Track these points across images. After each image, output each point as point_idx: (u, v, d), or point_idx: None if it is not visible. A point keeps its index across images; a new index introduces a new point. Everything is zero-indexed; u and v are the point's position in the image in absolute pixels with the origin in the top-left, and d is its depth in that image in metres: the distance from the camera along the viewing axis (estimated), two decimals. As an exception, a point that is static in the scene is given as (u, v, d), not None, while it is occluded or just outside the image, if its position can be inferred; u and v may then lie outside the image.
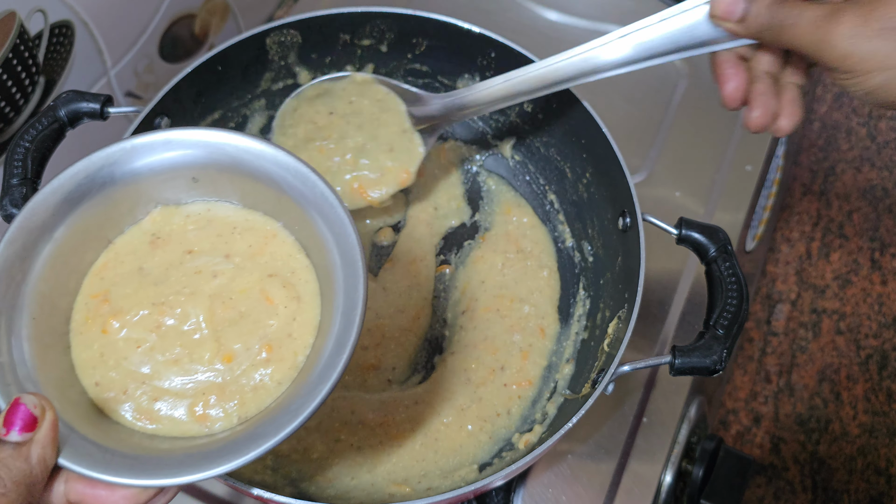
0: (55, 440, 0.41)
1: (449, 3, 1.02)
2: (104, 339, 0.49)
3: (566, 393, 0.71)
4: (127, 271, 0.51)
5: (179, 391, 0.48)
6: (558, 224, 0.81)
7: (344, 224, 0.47)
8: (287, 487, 0.67)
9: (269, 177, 0.49)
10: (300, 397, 0.44)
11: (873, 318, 1.30)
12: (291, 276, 0.51)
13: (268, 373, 0.48)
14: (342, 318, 0.46)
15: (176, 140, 0.50)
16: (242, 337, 0.49)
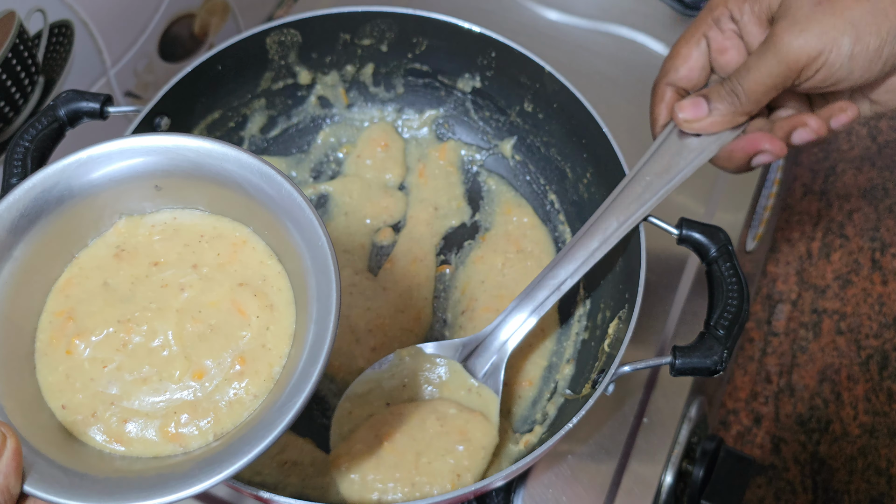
0: (18, 468, 0.40)
1: (449, 3, 1.02)
2: (69, 361, 0.47)
3: (566, 393, 0.71)
4: (92, 287, 0.50)
5: (150, 411, 0.46)
6: (559, 224, 0.81)
7: (314, 228, 0.45)
8: (288, 488, 0.67)
9: (234, 180, 0.47)
10: (276, 409, 0.43)
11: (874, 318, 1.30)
12: (263, 284, 0.49)
13: (242, 386, 0.47)
14: (316, 327, 0.44)
15: (132, 148, 0.48)
16: (213, 352, 0.48)
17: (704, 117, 0.59)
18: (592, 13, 1.03)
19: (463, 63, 0.80)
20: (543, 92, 0.76)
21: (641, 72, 0.99)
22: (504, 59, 0.77)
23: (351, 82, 0.83)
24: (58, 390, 0.47)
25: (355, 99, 0.85)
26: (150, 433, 0.46)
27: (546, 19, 1.03)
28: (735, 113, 0.58)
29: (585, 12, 1.03)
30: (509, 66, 0.77)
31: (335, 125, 0.85)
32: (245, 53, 0.75)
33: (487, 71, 0.79)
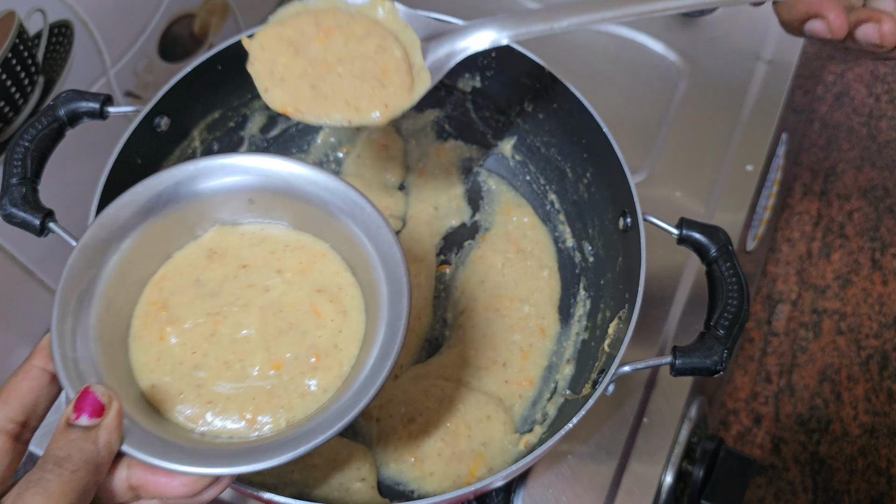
0: (120, 427, 0.44)
1: (449, 3, 1.02)
2: (160, 345, 0.52)
3: (566, 393, 0.71)
4: (185, 282, 0.55)
5: (231, 396, 0.50)
6: (559, 224, 0.81)
7: (390, 244, 0.51)
8: (288, 488, 0.67)
9: (320, 200, 0.53)
10: (346, 402, 0.47)
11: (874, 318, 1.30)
12: (339, 292, 0.54)
13: (315, 381, 0.51)
14: (387, 329, 0.49)
15: (235, 166, 0.54)
16: (292, 347, 0.52)
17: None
18: (592, 13, 1.03)
19: (463, 63, 0.80)
20: (543, 92, 0.76)
21: (641, 72, 0.99)
22: (504, 59, 0.76)
23: (351, 82, 0.83)
24: (148, 371, 0.51)
25: (355, 99, 0.85)
26: (229, 416, 0.50)
27: (546, 19, 1.03)
28: None
29: (585, 12, 1.03)
30: (509, 67, 0.77)
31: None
32: (246, 53, 0.75)
33: (487, 71, 0.79)
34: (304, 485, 0.67)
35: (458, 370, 0.74)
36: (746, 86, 0.99)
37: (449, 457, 0.69)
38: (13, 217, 0.61)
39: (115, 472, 0.44)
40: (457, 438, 0.70)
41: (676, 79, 0.99)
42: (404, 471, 0.69)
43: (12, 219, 0.61)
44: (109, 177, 0.65)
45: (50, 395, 0.47)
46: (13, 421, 0.45)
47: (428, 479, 0.69)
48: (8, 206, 0.61)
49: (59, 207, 0.63)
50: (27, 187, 0.61)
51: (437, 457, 0.69)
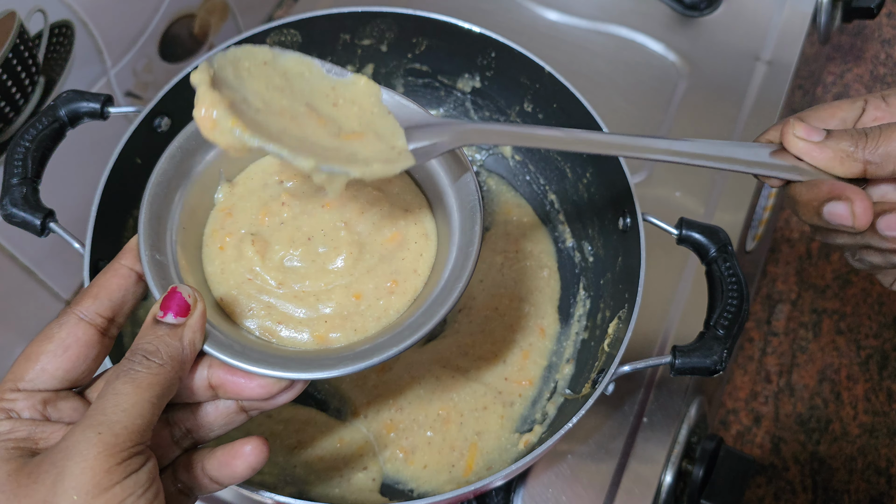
0: (203, 328, 0.45)
1: (449, 3, 1.02)
2: (223, 256, 0.52)
3: (566, 393, 0.71)
4: (255, 185, 0.54)
5: (302, 321, 0.50)
6: (558, 224, 0.81)
7: (466, 173, 0.52)
8: (287, 487, 0.67)
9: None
10: (417, 319, 0.48)
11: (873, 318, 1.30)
12: (420, 213, 0.55)
13: (390, 304, 0.51)
14: (458, 252, 0.51)
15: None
16: (373, 274, 0.52)
17: (813, 142, 0.51)
18: (592, 13, 1.03)
19: (463, 63, 0.80)
20: (543, 92, 0.76)
21: (641, 72, 1.00)
22: (504, 59, 0.77)
23: (351, 82, 0.83)
24: (216, 282, 0.51)
25: (355, 99, 0.85)
26: (301, 335, 0.50)
27: (546, 19, 1.03)
28: (850, 155, 0.49)
29: (585, 12, 1.03)
30: (509, 67, 0.77)
31: (335, 125, 0.85)
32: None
33: (487, 71, 0.79)
34: (304, 482, 0.68)
35: (456, 358, 0.74)
36: (746, 86, 0.99)
37: (440, 445, 0.69)
38: (14, 217, 0.61)
39: (197, 370, 0.46)
40: (447, 425, 0.70)
41: (676, 79, 0.99)
42: (399, 469, 0.69)
43: (13, 219, 0.61)
44: (110, 177, 0.65)
45: (136, 294, 0.48)
46: (102, 316, 0.46)
47: (422, 473, 0.69)
48: (9, 206, 0.61)
49: (60, 207, 0.63)
50: (28, 187, 0.61)
51: (426, 446, 0.69)
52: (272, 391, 0.46)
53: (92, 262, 0.62)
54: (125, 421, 0.40)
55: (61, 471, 0.38)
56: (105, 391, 0.41)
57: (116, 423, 0.40)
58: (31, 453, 0.41)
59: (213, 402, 0.47)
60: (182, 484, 0.47)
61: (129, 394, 0.41)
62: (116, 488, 0.39)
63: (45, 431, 0.43)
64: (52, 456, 0.39)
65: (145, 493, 0.40)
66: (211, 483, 0.47)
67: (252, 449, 0.46)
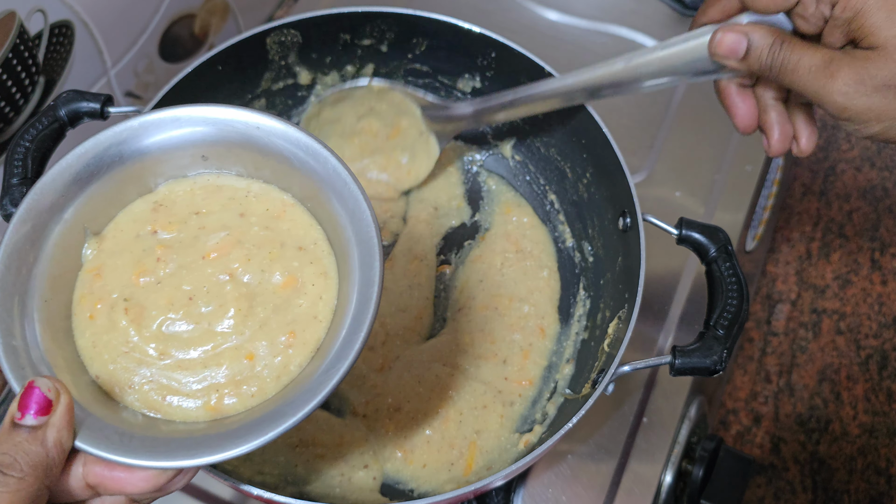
0: (71, 423, 0.40)
1: (449, 3, 1.02)
2: (93, 326, 0.46)
3: (566, 393, 0.71)
4: (125, 239, 0.48)
5: (191, 392, 0.45)
6: (558, 224, 0.81)
7: (358, 201, 0.46)
8: (288, 487, 0.67)
9: (280, 153, 0.48)
10: (319, 375, 0.43)
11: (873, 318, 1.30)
12: (315, 248, 0.49)
13: (289, 359, 0.46)
14: (359, 295, 0.45)
15: (185, 117, 0.48)
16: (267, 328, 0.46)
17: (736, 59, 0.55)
18: (592, 13, 1.03)
19: (463, 63, 0.80)
20: (543, 92, 0.76)
21: (641, 72, 0.99)
22: (504, 59, 0.77)
23: (351, 82, 0.84)
24: (89, 358, 0.46)
25: (355, 99, 0.85)
26: (189, 405, 0.45)
27: (546, 19, 1.03)
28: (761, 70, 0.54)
29: (585, 12, 1.03)
30: (509, 67, 0.77)
31: (335, 125, 0.85)
32: (245, 54, 0.75)
33: (487, 71, 0.79)
34: (304, 482, 0.68)
35: (455, 356, 0.74)
36: (746, 86, 0.99)
37: (439, 443, 0.69)
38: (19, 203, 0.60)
39: (71, 469, 0.41)
40: (446, 424, 0.70)
41: (676, 79, 0.99)
42: (399, 469, 0.69)
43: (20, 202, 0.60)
44: (110, 177, 0.65)
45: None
46: None
47: (422, 472, 0.69)
48: (9, 206, 0.61)
49: (60, 207, 0.63)
50: (28, 187, 0.61)
51: (425, 445, 0.69)
52: (159, 482, 0.41)
53: (92, 262, 0.62)
54: None
55: None
56: None
57: None
58: None
59: (100, 498, 0.42)
60: None
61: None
62: None
63: None
64: None
65: None
66: None
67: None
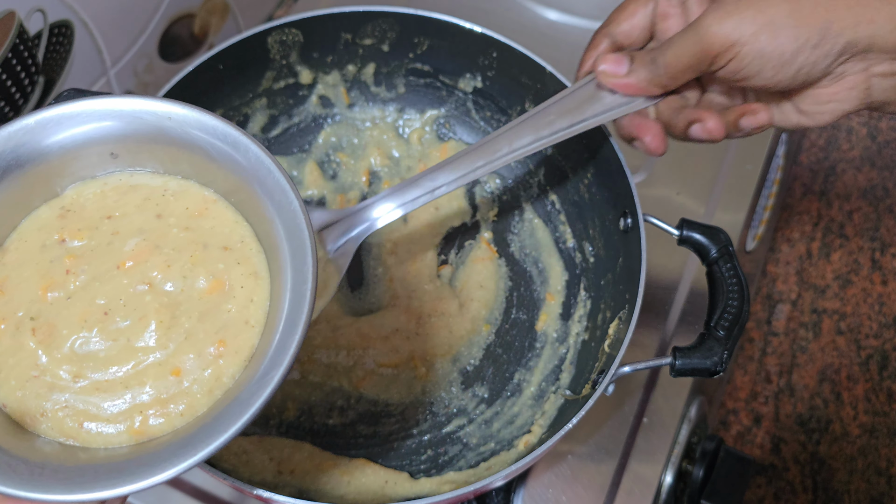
0: None
1: (450, 3, 1.02)
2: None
3: (567, 394, 0.71)
4: (29, 250, 0.44)
5: (111, 415, 0.41)
6: (559, 224, 0.81)
7: (285, 190, 0.42)
8: (288, 487, 0.67)
9: (196, 144, 0.44)
10: (253, 384, 0.39)
11: (874, 318, 1.30)
12: (242, 247, 0.45)
13: (221, 370, 0.42)
14: (292, 295, 0.41)
15: (86, 112, 0.43)
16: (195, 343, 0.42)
17: (622, 76, 0.58)
18: (592, 13, 1.03)
19: (464, 63, 0.80)
20: (544, 92, 0.76)
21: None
22: (505, 59, 0.77)
23: (352, 82, 0.83)
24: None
25: (356, 98, 0.85)
26: (110, 430, 0.41)
27: (546, 19, 1.03)
28: (651, 82, 0.57)
29: (585, 12, 1.03)
30: (510, 67, 0.77)
31: (336, 125, 0.85)
32: (247, 53, 0.75)
33: (488, 71, 0.79)
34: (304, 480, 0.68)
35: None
36: (747, 86, 0.99)
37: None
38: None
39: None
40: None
41: (677, 79, 0.99)
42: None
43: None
44: (110, 177, 0.65)
45: None
46: None
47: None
48: (9, 206, 0.60)
49: (60, 207, 0.63)
50: (28, 187, 0.61)
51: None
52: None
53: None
54: None
55: None
56: None
57: None
58: None
59: None
60: None
61: None
62: None
63: None
64: None
65: None
66: None
67: None
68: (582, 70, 0.63)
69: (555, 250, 0.80)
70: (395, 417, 0.73)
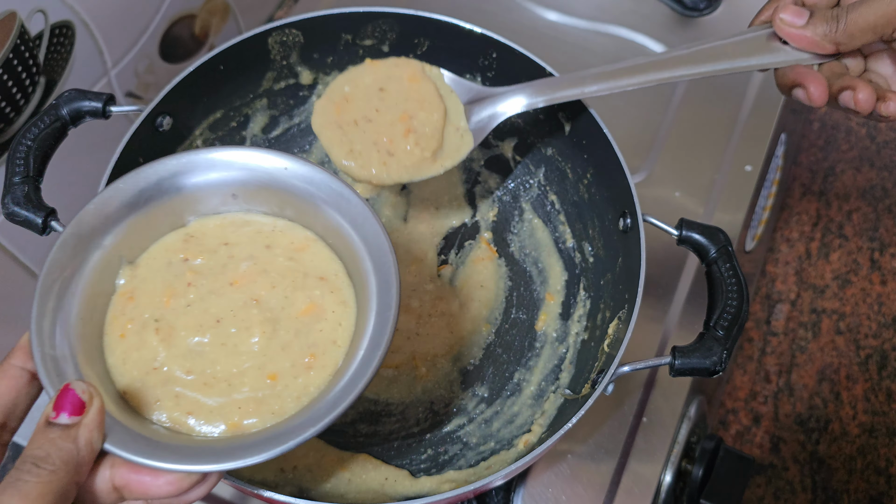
0: (101, 425, 0.42)
1: (450, 4, 1.02)
2: (123, 344, 0.50)
3: (566, 393, 0.72)
4: (157, 266, 0.53)
5: (214, 409, 0.48)
6: (559, 224, 0.81)
7: (377, 234, 0.51)
8: (288, 486, 0.67)
9: (304, 192, 0.52)
10: (338, 393, 0.46)
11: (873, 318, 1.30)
12: (335, 279, 0.53)
13: (309, 381, 0.49)
14: (376, 319, 0.48)
15: (218, 161, 0.53)
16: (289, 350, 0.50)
17: (799, 27, 0.59)
18: (592, 14, 1.03)
19: (464, 64, 0.80)
20: (544, 92, 0.76)
21: (641, 72, 1.00)
22: (505, 59, 0.77)
23: (352, 82, 0.84)
24: (118, 373, 0.49)
25: (356, 99, 0.85)
26: (214, 424, 0.48)
27: (546, 20, 1.03)
28: (827, 37, 0.57)
29: (585, 13, 1.03)
30: (510, 67, 0.77)
31: (336, 125, 0.85)
32: (247, 53, 0.75)
33: (489, 72, 0.79)
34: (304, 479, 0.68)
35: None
36: (745, 86, 0.99)
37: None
38: (16, 216, 0.61)
39: (98, 471, 0.43)
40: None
41: (676, 79, 0.99)
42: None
43: (15, 217, 0.61)
44: (112, 176, 0.65)
45: (30, 394, 0.46)
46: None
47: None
48: (10, 205, 0.61)
49: (62, 207, 0.63)
50: (29, 186, 0.62)
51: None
52: (182, 487, 0.43)
53: (93, 261, 0.62)
54: None
55: None
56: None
57: None
58: None
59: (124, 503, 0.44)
60: None
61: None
62: None
63: None
64: None
65: None
66: None
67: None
68: (759, 18, 0.64)
69: (554, 250, 0.81)
70: (395, 416, 0.73)
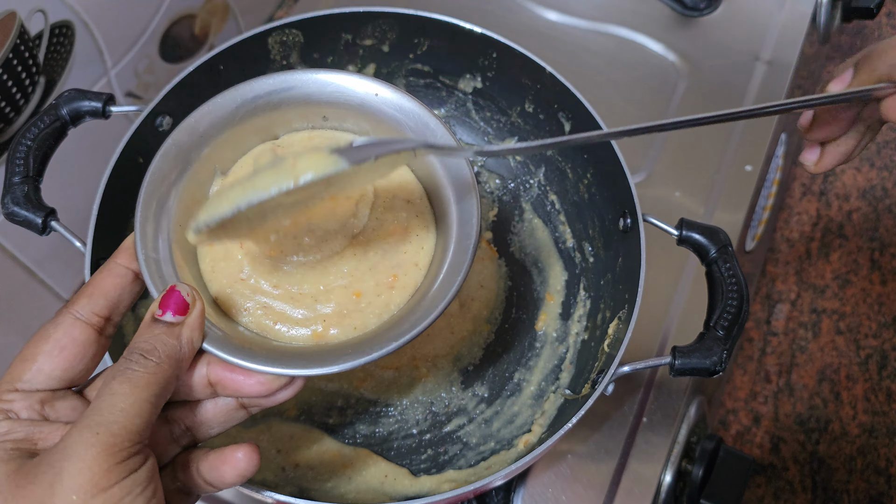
0: (202, 326, 0.45)
1: (450, 4, 1.02)
2: (212, 252, 0.52)
3: (566, 393, 0.72)
4: (245, 173, 0.53)
5: (300, 320, 0.50)
6: (559, 224, 0.81)
7: (462, 167, 0.52)
8: (288, 486, 0.67)
9: (393, 120, 0.53)
10: (416, 314, 0.48)
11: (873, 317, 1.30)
12: (420, 203, 0.54)
13: (391, 299, 0.51)
14: (456, 247, 0.50)
15: (314, 81, 0.54)
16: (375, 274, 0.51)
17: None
18: (592, 14, 1.03)
19: (464, 63, 0.80)
20: (544, 93, 0.76)
21: (641, 72, 1.00)
22: (505, 59, 0.77)
23: (352, 82, 0.84)
24: (209, 280, 0.51)
25: (356, 99, 0.85)
26: (297, 331, 0.50)
27: (546, 20, 1.03)
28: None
29: (585, 13, 1.03)
30: (510, 67, 0.77)
31: (336, 125, 0.85)
32: (247, 53, 0.75)
33: (488, 72, 0.79)
34: (304, 478, 0.68)
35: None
36: (746, 86, 0.99)
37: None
38: (15, 215, 0.61)
39: (195, 368, 0.46)
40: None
41: (676, 79, 0.99)
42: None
43: (14, 217, 0.61)
44: (111, 176, 0.65)
45: (132, 292, 0.48)
46: (98, 315, 0.46)
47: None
48: (10, 205, 0.61)
49: (61, 206, 0.63)
50: (29, 186, 0.62)
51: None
52: (272, 388, 0.46)
53: (93, 260, 0.62)
54: (123, 421, 0.40)
55: (59, 471, 0.38)
56: (102, 391, 0.41)
57: (114, 424, 0.39)
58: (29, 454, 0.41)
59: (213, 400, 0.47)
60: (181, 483, 0.47)
61: (127, 394, 0.41)
62: (115, 488, 0.39)
63: (44, 432, 0.43)
64: (50, 457, 0.39)
65: (144, 491, 0.40)
66: (206, 485, 0.46)
67: (243, 456, 0.45)
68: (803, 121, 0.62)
69: (554, 250, 0.81)
70: (394, 417, 0.73)
